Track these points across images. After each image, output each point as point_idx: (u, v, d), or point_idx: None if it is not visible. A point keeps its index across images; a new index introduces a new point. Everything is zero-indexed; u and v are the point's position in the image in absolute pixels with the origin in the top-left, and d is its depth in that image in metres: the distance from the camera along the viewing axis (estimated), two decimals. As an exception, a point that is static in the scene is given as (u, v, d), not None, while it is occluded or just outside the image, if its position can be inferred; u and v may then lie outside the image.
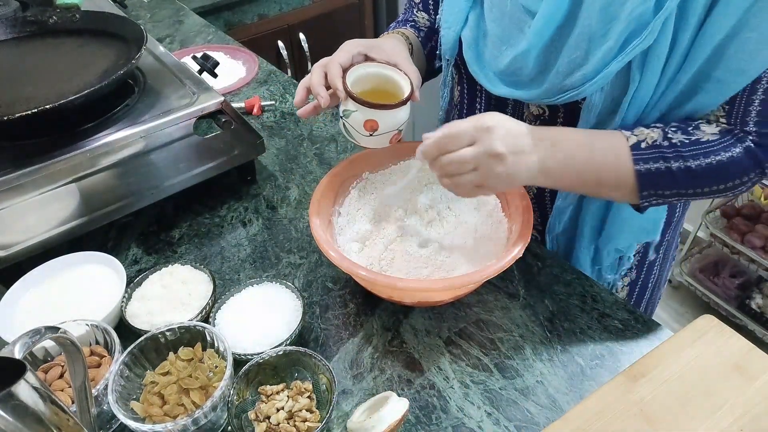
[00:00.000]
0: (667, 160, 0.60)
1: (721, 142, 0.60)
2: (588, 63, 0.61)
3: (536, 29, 0.63)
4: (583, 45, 0.61)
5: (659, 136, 0.61)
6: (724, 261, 1.95)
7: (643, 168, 0.60)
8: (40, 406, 0.40)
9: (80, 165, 0.75)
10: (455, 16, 0.73)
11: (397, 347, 0.68)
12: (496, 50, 0.69)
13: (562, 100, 0.65)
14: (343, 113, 0.67)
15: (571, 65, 0.63)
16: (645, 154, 0.60)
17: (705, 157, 0.59)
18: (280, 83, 1.23)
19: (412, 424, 0.60)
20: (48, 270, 0.73)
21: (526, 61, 0.66)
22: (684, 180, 0.60)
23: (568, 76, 0.63)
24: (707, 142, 0.60)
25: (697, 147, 0.60)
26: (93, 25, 0.94)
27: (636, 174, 0.60)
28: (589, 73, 0.61)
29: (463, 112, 0.85)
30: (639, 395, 0.58)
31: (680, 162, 0.59)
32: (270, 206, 0.91)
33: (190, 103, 0.83)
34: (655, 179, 0.60)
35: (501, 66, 0.69)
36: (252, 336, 0.66)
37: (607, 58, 0.60)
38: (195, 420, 0.54)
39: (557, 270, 0.77)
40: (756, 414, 0.56)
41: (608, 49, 0.59)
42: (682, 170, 0.60)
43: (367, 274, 0.62)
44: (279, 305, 0.69)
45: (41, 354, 0.63)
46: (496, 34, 0.69)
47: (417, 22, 0.87)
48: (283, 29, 1.94)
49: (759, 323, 1.80)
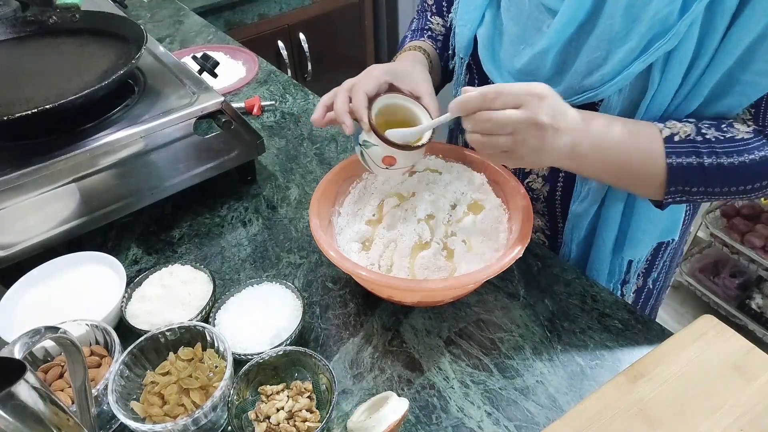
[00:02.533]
0: (700, 155, 0.58)
1: (756, 140, 0.59)
2: (607, 64, 0.60)
3: (557, 28, 0.61)
4: (604, 45, 0.60)
5: (692, 130, 0.59)
6: (724, 261, 1.95)
7: (675, 162, 0.59)
8: (40, 406, 0.40)
9: (80, 165, 0.75)
10: (471, 14, 0.73)
11: (397, 347, 0.68)
12: (512, 49, 0.69)
13: (580, 101, 0.63)
14: (363, 143, 0.66)
15: (590, 66, 0.62)
16: (678, 148, 0.59)
17: (739, 155, 0.58)
18: (280, 83, 1.23)
19: (412, 424, 0.60)
20: (48, 270, 0.73)
21: (544, 61, 0.65)
22: (715, 177, 0.59)
23: (587, 77, 0.62)
24: (741, 140, 0.58)
25: (731, 144, 0.58)
26: (93, 25, 0.94)
27: (668, 168, 0.59)
28: (608, 74, 0.60)
29: None
30: (639, 395, 0.58)
31: (713, 158, 0.58)
32: (270, 206, 0.91)
33: (190, 103, 0.83)
34: (687, 174, 0.59)
35: (518, 65, 0.68)
36: (252, 336, 0.66)
37: (628, 59, 0.59)
38: (195, 420, 0.54)
39: (557, 270, 0.77)
40: (756, 414, 0.56)
41: (629, 50, 0.58)
42: (714, 167, 0.58)
43: (367, 274, 0.62)
44: (279, 305, 0.69)
45: (41, 354, 0.63)
46: (513, 32, 0.68)
47: (432, 30, 0.85)
48: (283, 29, 1.94)
49: (759, 323, 1.80)
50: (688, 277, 1.96)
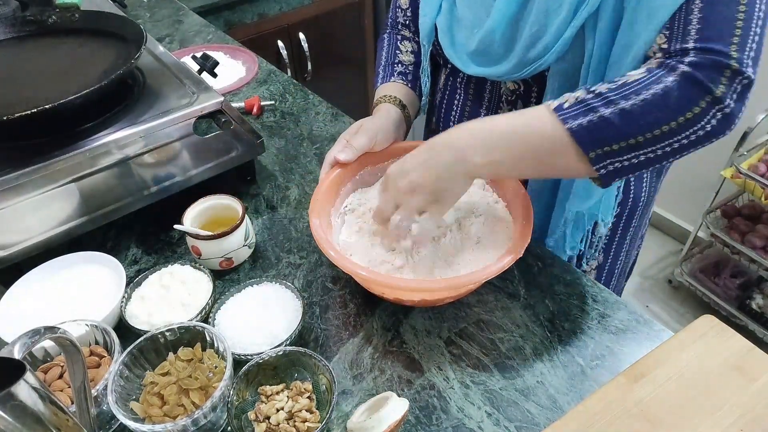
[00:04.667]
0: (595, 109, 0.56)
1: (650, 76, 0.56)
2: (546, 34, 0.66)
3: (499, 7, 0.68)
4: (542, 18, 0.66)
5: (582, 92, 0.58)
6: (724, 261, 1.95)
7: (574, 125, 0.56)
8: (40, 407, 0.39)
9: (80, 165, 0.75)
10: (429, 6, 0.79)
11: (397, 347, 0.68)
12: (468, 33, 0.75)
13: (529, 71, 0.69)
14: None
15: (532, 38, 0.67)
16: (571, 111, 0.57)
17: (636, 94, 0.55)
18: (279, 83, 1.23)
19: (412, 425, 0.60)
20: (48, 270, 0.72)
21: (492, 40, 0.71)
22: (624, 125, 0.55)
23: (531, 49, 0.68)
24: (634, 81, 0.56)
25: (624, 88, 0.56)
26: (92, 24, 0.94)
27: (570, 133, 0.57)
28: (549, 43, 0.66)
29: (445, 95, 0.88)
30: (639, 395, 0.58)
31: (612, 107, 0.55)
32: (270, 206, 0.91)
33: (190, 103, 0.83)
34: (593, 133, 0.56)
35: (472, 47, 0.74)
36: (252, 336, 0.66)
37: (563, 27, 0.64)
38: (195, 420, 0.54)
39: (558, 270, 0.77)
40: (756, 414, 0.56)
41: (563, 20, 0.64)
42: (617, 114, 0.55)
43: (367, 274, 0.62)
44: (279, 305, 0.69)
45: (41, 354, 0.63)
46: (468, 18, 0.74)
47: (402, 62, 0.89)
48: (282, 29, 1.93)
49: (759, 323, 1.80)
50: (689, 278, 1.96)
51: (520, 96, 0.77)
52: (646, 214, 0.89)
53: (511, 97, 0.78)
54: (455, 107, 0.87)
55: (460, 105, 0.86)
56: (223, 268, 0.78)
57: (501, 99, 0.80)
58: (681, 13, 0.56)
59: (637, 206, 0.84)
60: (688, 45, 0.55)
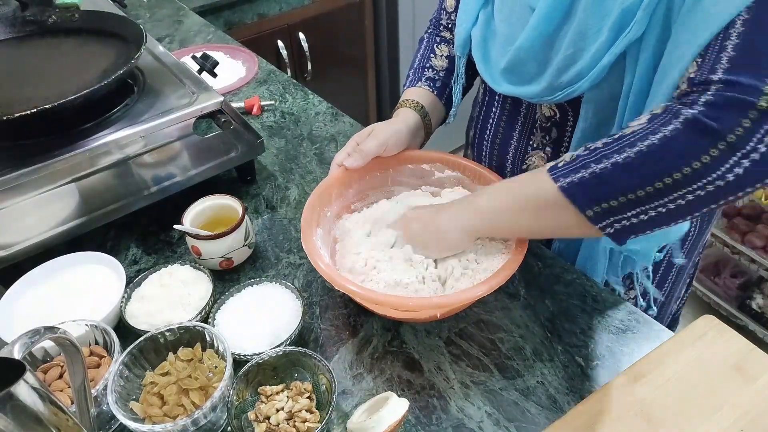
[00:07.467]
0: (587, 166, 0.54)
1: (648, 126, 0.52)
2: (582, 59, 0.61)
3: (533, 25, 0.63)
4: (579, 41, 0.61)
5: (581, 149, 0.56)
6: (724, 261, 1.95)
7: (565, 183, 0.55)
8: (40, 407, 0.39)
9: (80, 165, 0.75)
10: (467, 15, 0.75)
11: (397, 347, 0.68)
12: (502, 50, 0.70)
13: (561, 96, 0.65)
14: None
15: (566, 61, 0.63)
16: (563, 170, 0.56)
17: (631, 146, 0.52)
18: (279, 83, 1.23)
19: (412, 425, 0.60)
20: (48, 270, 0.72)
21: (524, 58, 0.66)
22: (619, 179, 0.52)
23: (564, 73, 0.63)
24: (632, 132, 0.53)
25: (619, 141, 0.53)
26: (92, 24, 0.94)
27: (561, 191, 0.55)
28: (584, 69, 0.61)
29: (482, 110, 0.84)
30: (639, 395, 0.58)
31: (604, 162, 0.53)
32: (270, 206, 0.91)
33: (190, 103, 0.83)
34: (587, 190, 0.54)
35: (503, 64, 0.70)
36: (252, 336, 0.65)
37: (600, 53, 0.59)
38: (195, 420, 0.54)
39: (558, 270, 0.77)
40: (756, 414, 0.56)
41: (602, 45, 0.59)
42: (610, 169, 0.52)
43: (357, 289, 0.61)
44: (279, 305, 0.69)
45: (41, 354, 0.63)
46: (503, 33, 0.70)
47: (434, 67, 0.86)
48: (282, 29, 1.93)
49: (759, 323, 1.80)
50: (689, 277, 1.96)
51: (555, 123, 0.72)
52: (698, 247, 0.82)
53: (546, 124, 0.73)
54: (490, 124, 0.83)
55: (495, 122, 0.82)
56: (222, 268, 0.78)
57: (535, 124, 0.75)
58: (719, 37, 0.49)
59: (691, 241, 0.78)
60: (714, 76, 0.49)
